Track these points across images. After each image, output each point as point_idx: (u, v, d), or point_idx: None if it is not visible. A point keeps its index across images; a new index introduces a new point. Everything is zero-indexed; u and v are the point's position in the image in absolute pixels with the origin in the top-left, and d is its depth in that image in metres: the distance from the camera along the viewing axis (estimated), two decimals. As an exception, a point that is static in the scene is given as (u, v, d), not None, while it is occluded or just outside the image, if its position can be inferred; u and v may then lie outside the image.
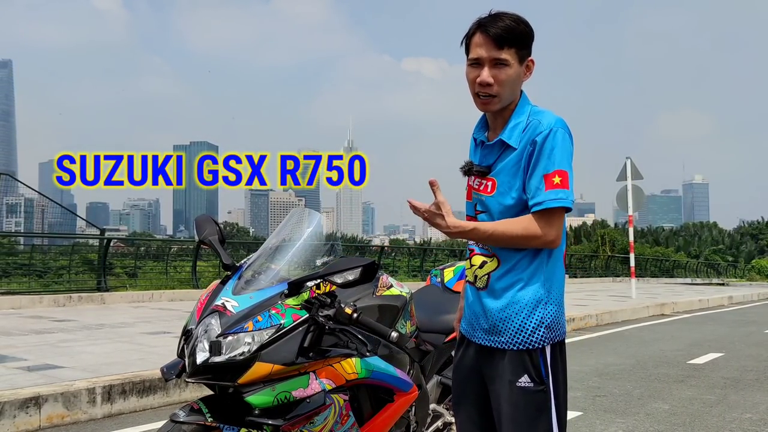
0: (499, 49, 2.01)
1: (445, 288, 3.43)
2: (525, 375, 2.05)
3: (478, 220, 2.13)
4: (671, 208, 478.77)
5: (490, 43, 2.01)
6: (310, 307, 2.33)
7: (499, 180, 2.08)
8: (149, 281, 16.91)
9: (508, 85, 2.04)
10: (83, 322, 9.13)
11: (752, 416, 5.05)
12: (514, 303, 2.07)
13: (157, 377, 5.15)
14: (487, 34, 2.01)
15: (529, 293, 2.06)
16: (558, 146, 2.00)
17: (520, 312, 2.07)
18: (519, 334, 2.07)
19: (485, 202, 2.12)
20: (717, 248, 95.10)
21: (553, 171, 1.99)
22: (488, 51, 2.02)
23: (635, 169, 16.78)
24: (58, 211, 16.82)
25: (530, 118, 2.08)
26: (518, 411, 2.05)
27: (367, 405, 2.61)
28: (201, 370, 2.20)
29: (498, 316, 2.09)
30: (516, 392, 2.05)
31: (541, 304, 2.07)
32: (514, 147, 2.06)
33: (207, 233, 2.61)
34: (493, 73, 2.02)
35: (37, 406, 4.46)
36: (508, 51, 2.01)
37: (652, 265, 45.01)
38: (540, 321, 2.07)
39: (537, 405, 2.05)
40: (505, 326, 2.08)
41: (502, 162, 2.09)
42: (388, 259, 25.16)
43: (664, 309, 14.72)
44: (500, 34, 2.00)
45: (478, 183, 2.14)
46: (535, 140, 2.02)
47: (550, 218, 2.00)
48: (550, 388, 2.08)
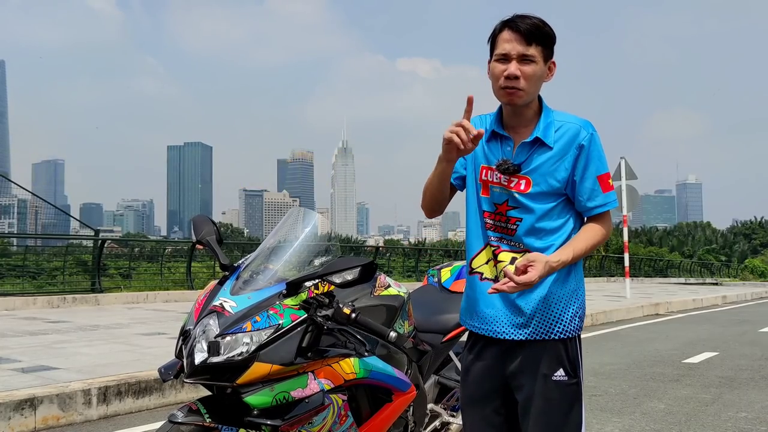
0: (527, 45, 2.06)
1: (442, 288, 3.42)
2: (560, 369, 2.11)
3: (509, 216, 2.15)
4: (665, 208, 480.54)
5: (520, 39, 2.07)
6: (309, 307, 2.33)
7: (534, 179, 2.12)
8: (143, 282, 16.87)
9: (534, 81, 2.09)
10: (78, 324, 9.09)
11: (747, 415, 5.07)
12: (552, 294, 2.12)
13: (153, 378, 5.13)
14: (516, 30, 2.07)
15: (566, 285, 2.14)
16: (601, 149, 2.14)
17: (558, 303, 2.13)
18: (557, 324, 2.12)
19: (519, 199, 2.13)
20: (710, 248, 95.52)
21: (604, 173, 2.14)
22: (516, 46, 2.07)
23: (629, 169, 16.84)
24: (52, 212, 16.77)
25: (560, 119, 2.14)
26: (552, 405, 2.09)
27: (365, 405, 2.61)
28: (199, 371, 2.20)
29: (536, 308, 2.12)
30: (551, 386, 2.09)
31: (575, 295, 2.16)
32: (549, 146, 2.11)
33: (204, 233, 2.60)
34: (521, 68, 2.07)
35: (32, 407, 4.44)
36: (535, 48, 2.07)
37: (646, 265, 45.16)
38: (576, 311, 2.15)
39: (570, 398, 2.11)
40: (544, 317, 2.12)
41: (536, 161, 2.12)
42: (383, 259, 25.16)
43: (658, 309, 14.77)
44: (529, 29, 2.07)
45: (507, 180, 2.14)
46: (582, 144, 2.10)
47: (608, 217, 2.19)
48: (581, 381, 2.15)
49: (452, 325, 3.15)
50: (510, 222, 2.15)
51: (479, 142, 2.06)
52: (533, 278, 1.95)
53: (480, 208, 2.22)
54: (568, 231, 2.16)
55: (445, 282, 3.44)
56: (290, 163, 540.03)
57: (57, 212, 16.78)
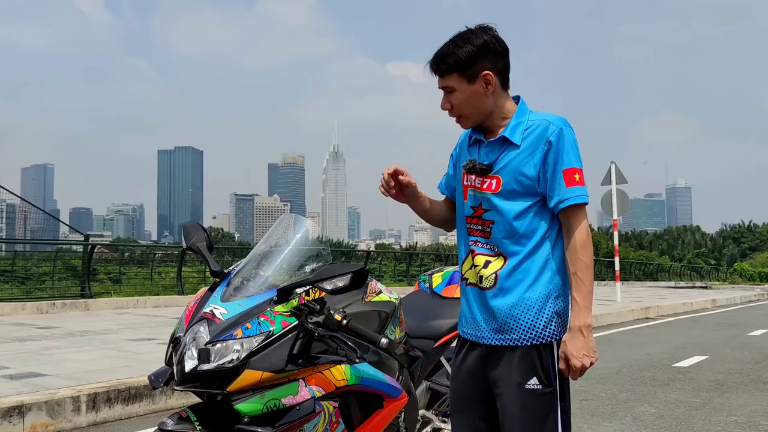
0: (443, 78, 2.14)
1: (434, 293, 3.42)
2: (534, 377, 2.08)
3: (484, 219, 2.15)
4: (654, 212, 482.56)
5: (437, 74, 2.15)
6: (300, 313, 2.32)
7: (503, 177, 2.12)
8: (134, 287, 16.78)
9: (465, 106, 2.14)
10: (67, 329, 9.03)
11: (737, 419, 5.09)
12: (524, 299, 2.10)
13: (143, 384, 5.10)
14: (431, 67, 2.16)
15: (539, 288, 2.10)
16: (572, 145, 2.10)
17: (531, 308, 2.10)
18: (531, 330, 2.10)
19: (491, 200, 2.13)
20: (700, 251, 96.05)
21: (570, 168, 2.08)
22: (438, 81, 2.16)
23: (619, 173, 16.91)
24: (41, 217, 16.64)
25: (532, 118, 2.15)
26: (526, 413, 2.07)
27: (356, 411, 2.60)
28: (189, 378, 2.19)
29: (509, 314, 2.10)
30: (525, 394, 2.08)
31: (551, 298, 2.12)
32: (516, 144, 2.11)
33: (195, 239, 2.59)
34: (448, 98, 2.15)
35: (21, 414, 4.40)
36: (450, 78, 2.13)
37: (636, 269, 45.37)
38: (551, 315, 2.11)
39: (545, 407, 2.09)
40: (516, 323, 2.10)
41: (504, 159, 2.13)
42: (374, 263, 25.17)
43: (648, 312, 14.83)
44: (437, 64, 2.14)
45: (480, 181, 2.16)
46: (550, 140, 2.08)
47: (578, 213, 2.10)
48: (557, 389, 2.11)
49: (444, 330, 3.15)
50: (485, 225, 2.15)
51: (409, 184, 2.28)
52: (577, 364, 2.03)
53: (463, 214, 2.24)
54: (545, 234, 2.11)
55: (436, 287, 3.44)
56: (281, 168, 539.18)
57: (46, 217, 16.65)
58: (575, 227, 2.09)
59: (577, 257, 2.08)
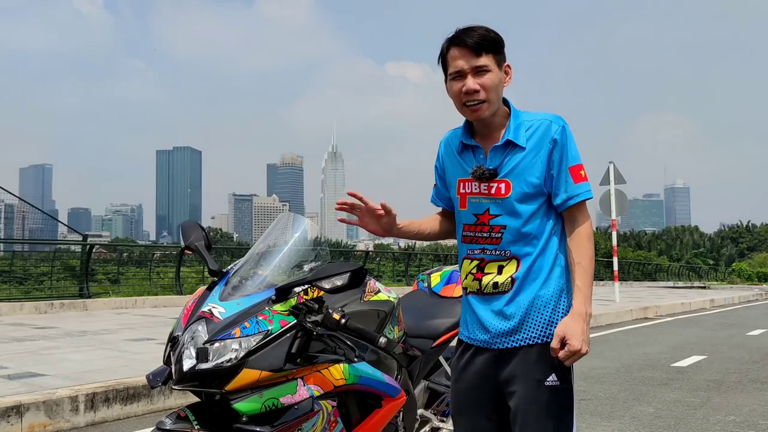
0: (477, 57, 2.07)
1: (432, 293, 3.42)
2: (553, 373, 2.09)
3: (492, 225, 2.14)
4: (653, 212, 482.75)
5: (469, 53, 2.07)
6: (298, 312, 2.32)
7: (512, 180, 2.11)
8: (132, 287, 16.77)
9: (494, 90, 2.09)
10: (65, 329, 9.02)
11: (735, 418, 5.10)
12: (540, 297, 2.11)
13: (141, 384, 5.10)
14: (464, 45, 2.08)
15: (552, 285, 2.12)
16: (573, 141, 2.12)
17: (547, 305, 2.12)
18: (550, 326, 2.11)
19: (502, 204, 2.13)
20: (698, 252, 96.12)
21: (575, 165, 2.11)
22: (468, 61, 2.08)
23: (618, 174, 16.91)
24: (39, 217, 16.62)
25: (529, 119, 2.14)
26: (545, 410, 2.08)
27: (355, 411, 2.60)
28: (188, 377, 2.18)
29: (525, 313, 2.11)
30: (544, 391, 2.08)
31: (564, 294, 2.14)
32: (522, 147, 2.11)
33: (193, 239, 2.59)
34: (477, 80, 2.08)
35: (19, 414, 4.39)
36: (486, 57, 2.08)
37: (634, 269, 45.39)
38: (566, 310, 2.12)
39: (564, 403, 2.10)
40: (534, 321, 2.11)
41: (511, 162, 2.12)
42: (373, 263, 25.15)
43: (647, 312, 14.84)
44: (477, 41, 2.07)
45: (486, 187, 2.14)
46: (555, 138, 2.09)
47: (584, 208, 2.14)
48: (573, 385, 2.14)
49: (442, 330, 3.15)
50: (494, 231, 2.13)
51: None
52: (577, 346, 1.99)
53: (462, 223, 2.22)
54: (552, 232, 2.14)
55: (435, 287, 3.44)
56: (280, 168, 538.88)
57: (44, 217, 16.64)
58: (581, 221, 2.12)
59: (582, 249, 2.10)
